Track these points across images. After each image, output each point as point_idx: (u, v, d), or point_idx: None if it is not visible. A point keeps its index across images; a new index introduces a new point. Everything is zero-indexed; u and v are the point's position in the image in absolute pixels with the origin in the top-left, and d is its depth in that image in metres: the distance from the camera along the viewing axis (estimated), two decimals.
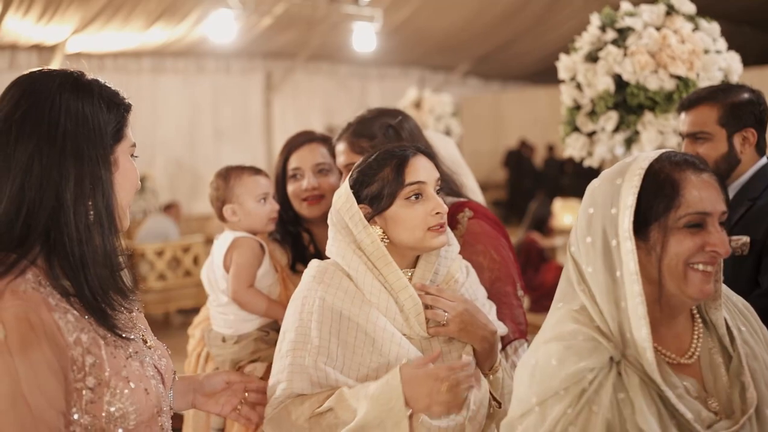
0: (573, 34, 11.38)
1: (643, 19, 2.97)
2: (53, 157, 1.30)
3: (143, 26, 9.84)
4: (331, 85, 13.34)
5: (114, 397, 1.32)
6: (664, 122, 2.88)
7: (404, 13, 11.11)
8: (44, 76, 1.37)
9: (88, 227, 1.33)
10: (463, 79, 14.87)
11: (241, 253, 2.30)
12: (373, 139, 2.13)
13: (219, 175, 2.39)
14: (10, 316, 1.22)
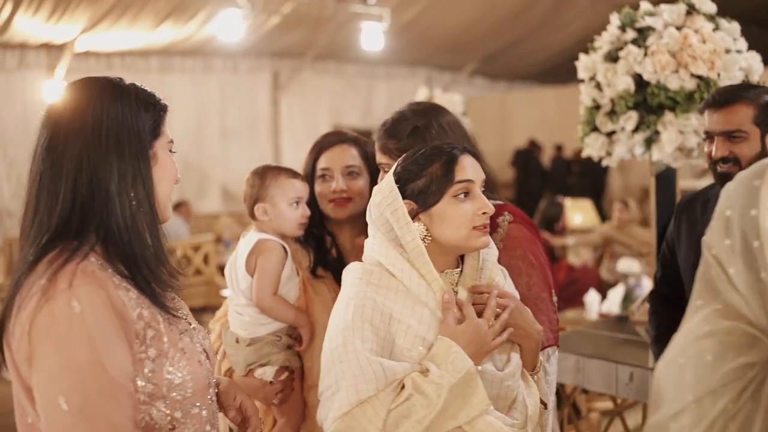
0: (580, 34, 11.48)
1: (663, 18, 2.96)
2: (99, 155, 1.47)
3: (151, 25, 9.86)
4: (339, 85, 13.34)
5: (173, 367, 1.47)
6: (684, 122, 2.87)
7: (412, 12, 11.11)
8: (87, 83, 1.56)
9: (133, 216, 1.49)
10: (469, 79, 14.87)
11: (267, 258, 2.29)
12: (399, 141, 2.12)
13: (256, 172, 2.37)
14: (83, 292, 1.37)
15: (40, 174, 1.49)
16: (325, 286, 2.38)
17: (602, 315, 5.01)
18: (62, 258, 1.41)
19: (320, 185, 2.40)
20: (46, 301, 1.36)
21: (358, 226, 2.45)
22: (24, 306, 1.39)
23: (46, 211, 1.47)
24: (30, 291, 1.39)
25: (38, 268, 1.42)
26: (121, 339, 1.39)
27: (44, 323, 1.35)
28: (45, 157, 1.49)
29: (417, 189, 1.77)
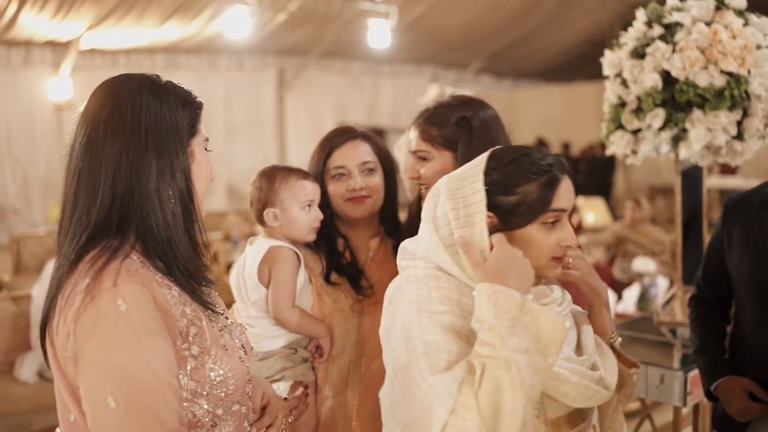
0: (586, 32, 11.43)
1: (691, 14, 2.90)
2: (138, 152, 1.45)
3: (157, 23, 9.81)
4: (344, 83, 13.29)
5: (215, 364, 1.46)
6: (713, 120, 2.81)
7: (419, 9, 11.06)
8: (125, 79, 1.53)
9: (172, 213, 1.48)
10: (475, 77, 14.82)
11: (282, 267, 2.16)
12: (443, 128, 2.07)
13: (263, 174, 2.23)
14: (128, 291, 1.36)
15: (78, 171, 1.47)
16: (342, 293, 2.27)
17: (618, 315, 4.96)
18: (105, 256, 1.40)
19: (335, 184, 2.27)
20: (91, 300, 1.35)
21: (372, 227, 2.38)
22: (68, 305, 1.38)
23: (84, 209, 1.46)
24: (73, 290, 1.38)
25: (80, 266, 1.41)
26: (165, 337, 1.38)
27: (89, 322, 1.34)
28: (84, 154, 1.47)
29: (504, 205, 1.58)
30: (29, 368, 4.63)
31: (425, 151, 2.11)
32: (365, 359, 2.24)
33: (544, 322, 1.43)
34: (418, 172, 2.14)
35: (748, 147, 2.91)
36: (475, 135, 2.06)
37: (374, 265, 2.33)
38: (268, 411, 1.73)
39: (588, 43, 13.28)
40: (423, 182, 2.15)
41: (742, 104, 2.82)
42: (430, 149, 2.10)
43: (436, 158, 2.11)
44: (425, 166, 2.13)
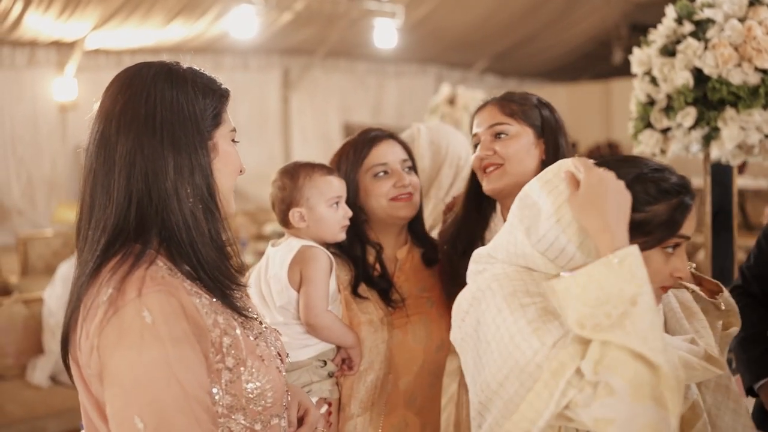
0: (592, 31, 11.37)
1: (723, 10, 2.84)
2: (154, 148, 1.34)
3: (162, 23, 9.75)
4: (349, 83, 13.23)
5: (252, 376, 1.36)
6: (747, 118, 2.75)
7: (425, 9, 10.99)
8: (140, 69, 1.42)
9: (192, 213, 1.36)
10: (480, 77, 14.74)
11: (316, 267, 2.00)
12: (524, 105, 2.00)
13: (285, 172, 2.09)
14: (154, 301, 1.26)
15: (93, 171, 1.37)
16: (372, 303, 2.12)
17: None
18: (128, 263, 1.30)
19: (377, 182, 2.13)
20: (115, 312, 1.25)
21: (403, 234, 2.24)
22: (90, 317, 1.28)
23: (101, 212, 1.36)
24: (95, 301, 1.29)
25: (101, 275, 1.31)
26: (195, 350, 1.28)
27: (113, 336, 1.25)
28: (97, 152, 1.37)
29: (632, 222, 1.41)
30: (42, 372, 4.58)
31: (505, 124, 1.99)
32: (392, 376, 2.10)
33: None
34: (494, 150, 1.99)
35: None
36: (559, 123, 2.01)
37: (402, 276, 2.19)
38: (306, 422, 1.60)
39: (593, 43, 13.21)
40: (496, 161, 1.99)
41: None
42: (512, 122, 1.99)
43: (518, 133, 1.99)
44: (504, 142, 1.98)
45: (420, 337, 2.11)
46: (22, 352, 4.64)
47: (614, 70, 12.68)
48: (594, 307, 1.28)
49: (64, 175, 10.25)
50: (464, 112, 6.68)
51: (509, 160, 1.98)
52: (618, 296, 1.27)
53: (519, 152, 1.98)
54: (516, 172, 1.98)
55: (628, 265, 1.29)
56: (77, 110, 9.99)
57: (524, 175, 1.95)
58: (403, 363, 2.08)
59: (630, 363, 1.25)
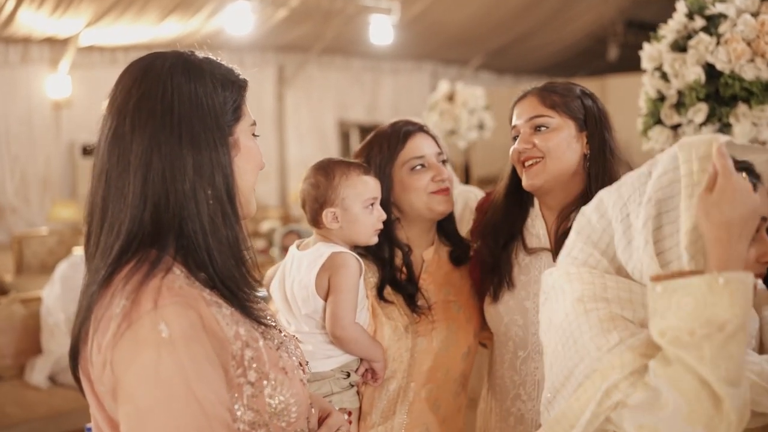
0: (589, 27, 11.37)
1: (735, 4, 2.81)
2: (171, 147, 1.26)
3: (157, 19, 9.68)
4: (344, 79, 13.18)
5: (275, 390, 1.28)
6: (759, 114, 2.72)
7: (421, 5, 10.95)
8: (153, 60, 1.34)
9: (211, 218, 1.28)
10: (475, 74, 14.71)
11: (346, 276, 1.89)
12: (566, 96, 1.93)
13: (320, 169, 1.97)
14: (171, 313, 1.17)
15: (106, 171, 1.28)
16: (396, 309, 2.03)
17: None
18: (142, 272, 1.21)
19: (415, 176, 2.02)
20: (129, 325, 1.16)
21: (432, 233, 2.15)
22: (102, 330, 1.20)
23: (115, 215, 1.26)
24: (107, 313, 1.20)
25: (114, 283, 1.22)
26: (215, 365, 1.19)
27: (128, 351, 1.16)
28: (110, 151, 1.27)
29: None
30: (40, 372, 4.53)
31: (546, 116, 1.92)
32: (415, 384, 2.02)
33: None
34: (533, 143, 1.93)
35: None
36: (603, 114, 1.95)
37: (428, 278, 2.10)
38: (326, 423, 1.51)
39: (590, 39, 13.20)
40: (536, 153, 1.92)
41: None
42: (553, 114, 1.92)
43: (559, 125, 1.92)
44: (545, 136, 1.92)
45: (446, 343, 2.03)
46: (21, 353, 4.59)
47: (610, 66, 12.67)
48: (681, 320, 1.22)
49: (58, 172, 10.17)
50: (463, 109, 6.65)
51: (549, 154, 1.91)
52: (708, 318, 1.20)
53: (560, 146, 1.91)
54: (556, 167, 1.92)
55: (732, 291, 1.20)
56: (71, 107, 9.92)
57: (565, 171, 1.92)
58: (428, 370, 2.01)
59: (694, 385, 1.21)
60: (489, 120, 7.34)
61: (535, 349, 1.95)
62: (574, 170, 1.93)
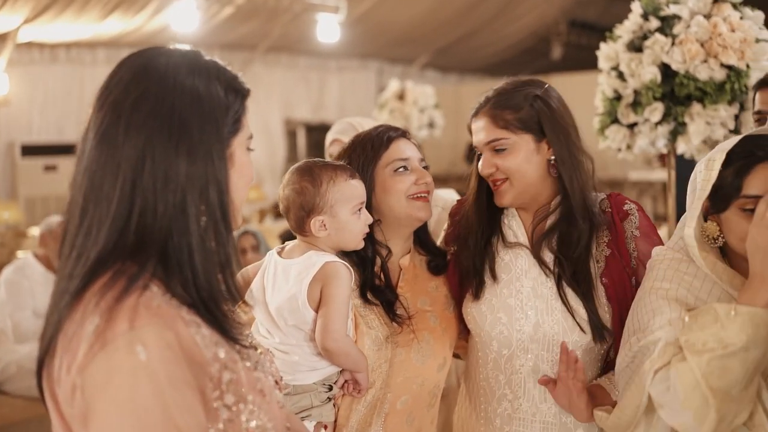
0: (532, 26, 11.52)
1: (688, 6, 2.87)
2: (166, 153, 1.16)
3: (100, 16, 9.46)
4: (290, 78, 13.08)
5: (252, 414, 1.20)
6: (713, 113, 2.79)
7: (367, 4, 10.94)
8: (156, 55, 1.24)
9: (200, 234, 1.18)
10: (420, 72, 14.76)
11: (340, 287, 1.80)
12: (518, 111, 1.92)
13: (305, 174, 1.86)
14: (149, 335, 1.08)
15: (91, 171, 1.17)
16: (377, 318, 1.98)
17: None
18: (118, 287, 1.11)
19: (397, 178, 1.98)
20: (102, 346, 1.07)
21: (410, 240, 2.11)
22: (72, 350, 1.10)
23: (95, 219, 1.16)
24: (79, 331, 1.10)
25: (86, 297, 1.13)
26: (193, 390, 1.11)
27: (101, 375, 1.06)
28: (98, 149, 1.17)
29: (714, 185, 1.64)
30: None
31: (503, 138, 1.93)
32: (391, 395, 1.98)
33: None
34: (495, 165, 1.95)
35: None
36: (557, 114, 1.95)
37: (405, 287, 2.06)
38: None
39: (534, 38, 13.35)
40: (500, 176, 1.96)
41: (740, 98, 2.82)
42: (508, 135, 1.93)
43: (516, 144, 1.94)
44: (504, 157, 1.94)
45: (424, 355, 2.00)
46: None
47: (553, 65, 12.85)
48: (699, 333, 1.52)
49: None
50: (413, 108, 6.67)
51: (512, 174, 1.95)
52: (719, 337, 1.49)
53: (520, 165, 1.94)
54: (521, 183, 1.96)
55: (742, 322, 1.48)
56: (9, 106, 9.62)
57: (532, 184, 1.96)
58: (403, 381, 1.97)
59: (691, 381, 1.52)
60: (439, 118, 7.38)
61: (519, 347, 1.96)
62: (541, 179, 1.96)
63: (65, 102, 10.25)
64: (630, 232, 1.93)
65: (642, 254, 1.91)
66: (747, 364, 1.48)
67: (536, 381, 1.92)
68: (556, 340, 1.92)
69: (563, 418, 1.92)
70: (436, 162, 12.86)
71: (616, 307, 1.90)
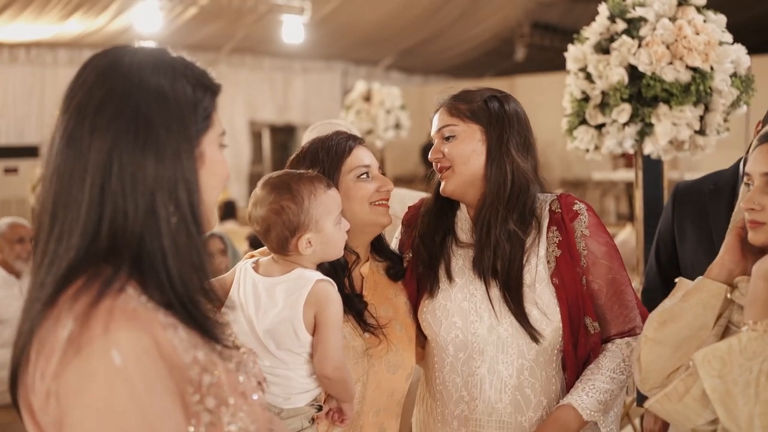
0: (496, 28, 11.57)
1: (654, 9, 2.93)
2: (133, 155, 1.13)
3: (61, 16, 9.34)
4: (255, 79, 13.02)
5: (234, 417, 1.17)
6: (679, 114, 2.85)
7: (332, 5, 10.93)
8: (120, 55, 1.19)
9: (173, 235, 1.16)
10: (385, 73, 14.78)
11: (336, 312, 1.71)
12: (471, 102, 1.98)
13: (282, 190, 1.74)
14: (125, 339, 1.05)
15: (59, 176, 1.15)
16: (351, 329, 1.93)
17: None
18: (93, 291, 1.08)
19: (361, 184, 1.96)
20: (77, 352, 1.04)
21: (367, 249, 2.08)
22: (45, 356, 1.07)
23: (66, 225, 1.13)
24: (52, 336, 1.07)
25: (60, 303, 1.10)
26: (172, 394, 1.09)
27: (76, 381, 1.03)
28: (65, 152, 1.14)
29: None
30: None
31: (452, 125, 1.99)
32: (366, 408, 1.95)
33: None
34: (442, 152, 1.99)
35: (708, 141, 2.98)
36: (508, 115, 1.98)
37: (369, 295, 2.02)
38: None
39: (497, 40, 13.45)
40: (445, 163, 1.99)
41: (705, 99, 2.88)
42: (458, 122, 1.98)
43: (463, 132, 1.98)
44: (452, 144, 1.99)
45: (394, 365, 1.97)
46: None
47: (517, 66, 12.97)
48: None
49: None
50: (380, 109, 6.68)
51: (455, 161, 1.98)
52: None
53: (464, 152, 1.97)
54: (463, 172, 1.98)
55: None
56: None
57: (472, 175, 1.97)
58: (376, 394, 1.94)
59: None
60: (405, 119, 7.41)
61: (475, 349, 1.97)
62: (482, 174, 1.98)
63: (26, 103, 10.11)
64: (579, 231, 1.95)
65: (591, 253, 1.94)
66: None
67: (491, 382, 1.94)
68: (509, 342, 1.94)
69: (518, 417, 1.93)
70: (402, 163, 12.90)
71: (565, 308, 1.91)
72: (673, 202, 2.51)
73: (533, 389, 1.94)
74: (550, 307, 1.92)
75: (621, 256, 2.01)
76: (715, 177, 2.47)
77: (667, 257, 2.54)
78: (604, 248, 1.97)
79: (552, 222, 1.97)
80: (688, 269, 2.42)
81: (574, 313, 1.90)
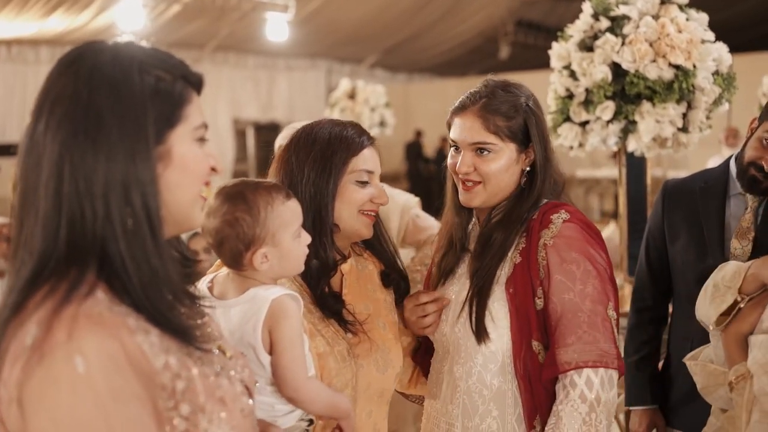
0: (480, 26, 11.59)
1: (637, 7, 2.95)
2: (84, 156, 1.07)
3: (43, 13, 9.28)
4: (239, 77, 12.99)
5: (211, 424, 1.12)
6: (662, 112, 2.87)
7: (316, 2, 10.93)
8: (82, 52, 1.13)
9: (130, 240, 1.10)
10: (369, 71, 14.80)
11: (291, 327, 1.58)
12: (510, 119, 1.88)
13: (236, 200, 1.60)
14: (89, 345, 1.01)
15: (23, 178, 1.11)
16: (333, 331, 1.84)
17: None
18: (57, 297, 1.05)
19: (358, 189, 1.85)
20: (40, 359, 1.01)
21: (348, 247, 1.98)
22: (9, 362, 1.04)
23: (29, 230, 1.10)
24: (16, 343, 1.04)
25: (26, 309, 1.06)
26: (141, 401, 1.05)
27: (38, 389, 1.00)
28: (26, 155, 1.10)
29: None
30: None
31: (491, 144, 1.88)
32: (359, 409, 1.88)
33: None
34: (474, 167, 1.89)
35: (691, 139, 3.00)
36: (542, 121, 1.94)
37: (350, 293, 1.94)
38: None
39: (481, 38, 13.51)
40: (476, 178, 1.91)
41: (688, 97, 2.90)
42: (497, 141, 1.89)
43: (501, 151, 1.90)
44: (486, 160, 1.90)
45: (383, 365, 1.91)
46: None
47: (501, 64, 13.01)
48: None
49: None
50: (364, 106, 6.69)
51: (489, 179, 1.90)
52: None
53: (500, 171, 1.90)
54: (494, 189, 1.92)
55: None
56: None
57: (502, 191, 1.92)
58: (367, 394, 1.88)
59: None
60: (390, 117, 7.41)
61: (442, 348, 1.97)
62: (511, 188, 1.94)
63: (7, 101, 10.03)
64: (544, 240, 1.84)
65: (551, 264, 1.81)
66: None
67: (448, 382, 1.93)
68: (461, 344, 1.90)
69: (465, 422, 1.89)
70: (387, 161, 12.85)
71: (514, 317, 1.84)
72: (663, 200, 2.48)
73: (481, 396, 1.87)
74: (500, 313, 1.85)
75: (607, 287, 1.83)
76: (705, 175, 2.47)
77: (657, 255, 2.52)
78: (571, 266, 1.80)
79: (526, 227, 1.90)
80: (678, 267, 2.43)
81: (524, 327, 1.81)
